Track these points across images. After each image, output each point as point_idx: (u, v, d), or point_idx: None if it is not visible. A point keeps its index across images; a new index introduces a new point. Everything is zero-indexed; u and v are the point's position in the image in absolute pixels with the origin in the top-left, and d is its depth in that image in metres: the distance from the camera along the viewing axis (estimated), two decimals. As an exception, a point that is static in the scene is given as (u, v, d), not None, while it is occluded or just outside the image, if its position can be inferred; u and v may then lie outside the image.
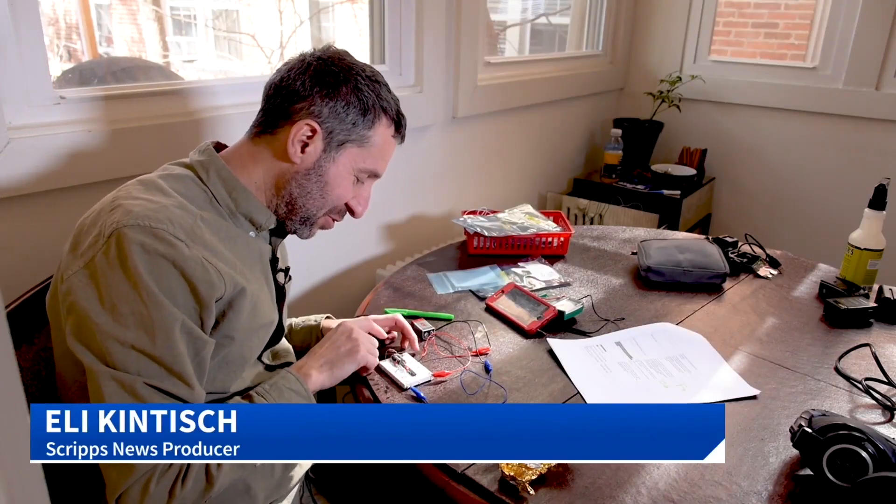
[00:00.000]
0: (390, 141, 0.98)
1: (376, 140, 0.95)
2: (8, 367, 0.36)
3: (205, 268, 0.79)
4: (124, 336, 0.74)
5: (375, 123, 0.94)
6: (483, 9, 2.03)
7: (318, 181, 0.93)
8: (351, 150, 0.94)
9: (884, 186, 1.36)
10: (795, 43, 2.70)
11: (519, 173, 2.41)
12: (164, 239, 0.77)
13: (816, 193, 2.55)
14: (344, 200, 0.98)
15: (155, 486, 0.73)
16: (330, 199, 0.95)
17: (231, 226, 0.90)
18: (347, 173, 0.95)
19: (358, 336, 1.02)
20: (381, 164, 0.99)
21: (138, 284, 0.75)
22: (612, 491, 0.81)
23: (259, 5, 2.38)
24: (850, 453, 0.78)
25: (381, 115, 0.95)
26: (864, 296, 1.34)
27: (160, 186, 0.85)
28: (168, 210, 0.80)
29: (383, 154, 0.98)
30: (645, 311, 1.32)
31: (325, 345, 1.01)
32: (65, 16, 1.85)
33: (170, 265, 0.77)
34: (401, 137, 1.00)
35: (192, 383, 0.78)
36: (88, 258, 0.77)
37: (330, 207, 0.97)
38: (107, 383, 0.74)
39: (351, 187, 0.97)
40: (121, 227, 0.76)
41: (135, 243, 0.75)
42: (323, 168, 0.93)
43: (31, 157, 1.08)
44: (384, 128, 0.96)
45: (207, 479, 0.77)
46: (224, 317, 0.85)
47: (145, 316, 0.75)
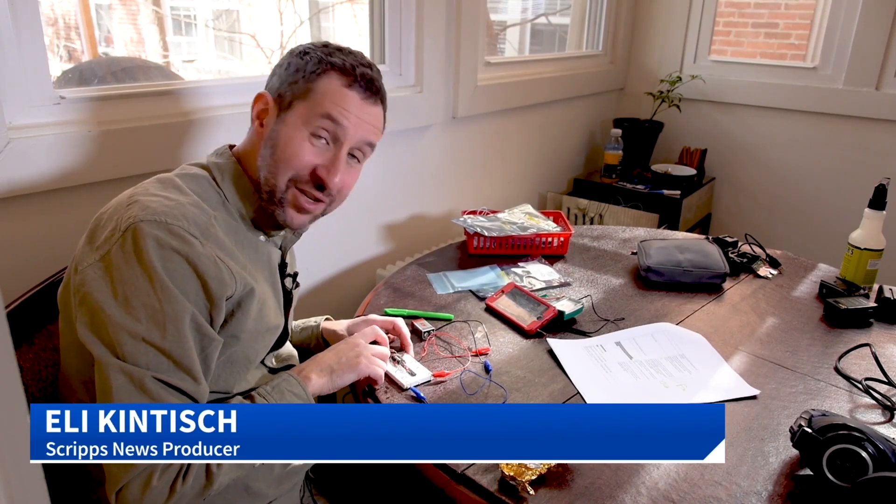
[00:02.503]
0: (342, 91, 0.90)
1: (322, 89, 0.89)
2: (8, 367, 0.36)
3: (217, 265, 0.80)
4: (136, 328, 0.75)
5: (322, 76, 0.89)
6: (483, 9, 2.03)
7: (271, 143, 0.90)
8: (298, 106, 0.90)
9: (884, 186, 1.36)
10: (795, 43, 2.70)
11: (519, 173, 2.41)
12: (179, 235, 0.78)
13: (816, 193, 2.55)
14: (300, 162, 0.89)
15: (157, 481, 0.74)
16: (284, 161, 0.89)
17: (242, 228, 0.91)
18: (296, 129, 0.89)
19: (361, 349, 1.00)
20: (333, 108, 0.89)
21: (152, 278, 0.76)
22: (612, 491, 0.81)
23: (259, 5, 2.38)
24: (850, 453, 0.78)
25: (328, 70, 0.90)
26: (864, 296, 1.34)
27: (177, 184, 0.86)
28: (184, 207, 0.81)
29: (334, 100, 0.89)
30: (645, 311, 1.32)
31: (329, 353, 1.00)
32: (65, 16, 1.85)
33: (183, 261, 0.78)
34: (361, 88, 0.91)
35: (199, 378, 0.79)
36: (104, 251, 0.78)
37: (290, 174, 0.90)
38: (116, 376, 0.74)
39: (306, 146, 0.89)
40: (137, 221, 0.77)
41: (150, 238, 0.76)
42: (275, 131, 0.90)
43: (31, 157, 1.08)
44: (333, 79, 0.90)
45: (207, 476, 0.77)
46: (233, 316, 0.85)
47: (157, 309, 0.76)
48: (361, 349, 1.00)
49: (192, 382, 0.78)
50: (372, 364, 0.99)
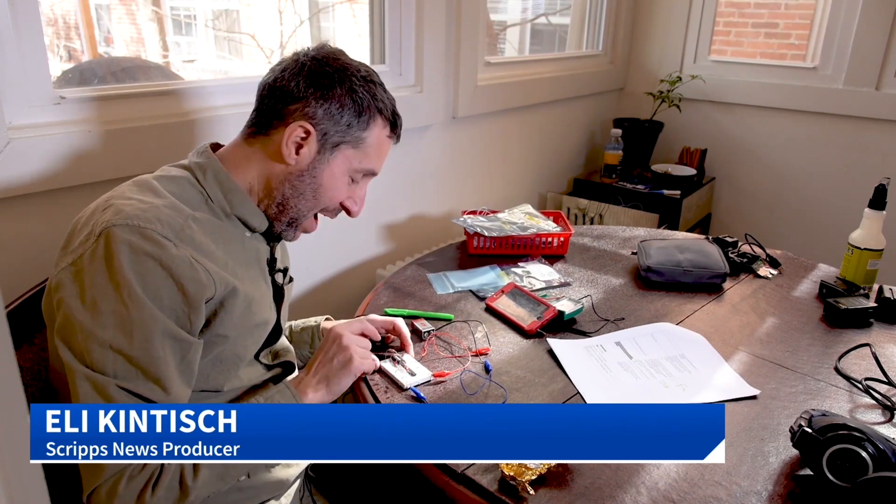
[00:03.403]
0: (386, 141, 0.98)
1: (371, 141, 0.95)
2: (8, 367, 0.36)
3: (193, 267, 0.79)
4: (103, 335, 0.75)
5: (370, 124, 0.94)
6: (483, 9, 2.03)
7: (312, 183, 0.93)
8: (346, 151, 0.93)
9: (884, 186, 1.36)
10: (795, 43, 2.70)
11: (519, 173, 2.41)
12: (152, 238, 0.77)
13: (816, 193, 2.55)
14: (338, 201, 0.97)
15: (124, 488, 0.73)
16: (322, 200, 0.95)
17: (227, 226, 0.90)
18: (342, 174, 0.94)
19: (349, 343, 0.97)
20: (377, 163, 0.98)
21: (120, 284, 0.75)
22: (612, 491, 0.81)
23: (259, 5, 2.38)
24: (850, 453, 0.78)
25: (376, 116, 0.94)
26: (864, 296, 1.34)
27: (153, 187, 0.85)
28: (158, 210, 0.80)
29: (379, 154, 0.97)
30: (645, 311, 1.32)
31: (318, 358, 0.97)
32: (65, 16, 1.85)
33: (157, 265, 0.77)
34: (396, 137, 1.00)
35: (168, 387, 0.78)
36: (76, 255, 0.77)
37: (321, 208, 0.97)
38: (81, 383, 0.74)
39: (345, 188, 0.96)
40: (110, 226, 0.77)
41: (122, 243, 0.76)
42: (317, 170, 0.92)
43: (31, 157, 1.08)
44: (379, 128, 0.95)
45: (182, 488, 0.76)
46: (216, 316, 0.85)
47: (125, 316, 0.75)
48: (348, 343, 0.97)
49: (161, 392, 0.77)
50: (364, 359, 0.98)
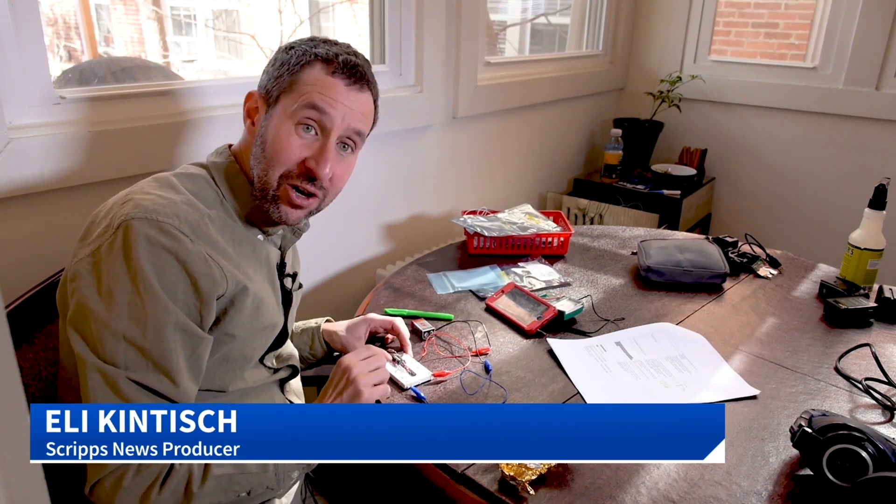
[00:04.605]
0: (325, 78, 0.89)
1: (306, 79, 0.89)
2: (8, 367, 0.36)
3: (207, 263, 0.81)
4: (117, 325, 0.76)
5: (305, 67, 0.89)
6: (483, 9, 2.03)
7: (262, 141, 0.90)
8: (283, 100, 0.89)
9: (884, 186, 1.36)
10: (795, 43, 2.70)
11: (519, 173, 2.41)
12: (169, 233, 0.78)
13: (816, 193, 2.55)
14: (289, 156, 0.88)
15: (129, 482, 0.74)
16: (274, 157, 0.88)
17: (239, 227, 0.91)
18: (282, 123, 0.88)
19: (356, 376, 0.94)
20: (317, 96, 0.88)
21: (137, 276, 0.76)
22: (612, 491, 0.81)
23: (259, 5, 2.38)
24: (850, 453, 0.78)
25: (313, 62, 0.89)
26: (864, 296, 1.34)
27: (172, 184, 0.87)
28: (176, 206, 0.82)
29: (318, 88, 0.88)
30: (645, 311, 1.32)
31: (328, 391, 0.95)
32: (65, 16, 1.85)
33: (173, 259, 0.78)
34: (345, 75, 0.90)
35: (178, 380, 0.78)
36: (95, 247, 0.79)
37: (281, 170, 0.89)
38: (92, 375, 0.75)
39: (293, 139, 0.88)
40: (129, 219, 0.78)
41: (140, 236, 0.77)
42: (263, 128, 0.90)
43: (31, 157, 1.08)
44: (317, 70, 0.89)
45: (186, 493, 0.77)
46: (225, 314, 0.86)
47: (139, 307, 0.76)
48: (356, 377, 0.94)
49: (171, 385, 0.78)
50: (374, 391, 0.95)
